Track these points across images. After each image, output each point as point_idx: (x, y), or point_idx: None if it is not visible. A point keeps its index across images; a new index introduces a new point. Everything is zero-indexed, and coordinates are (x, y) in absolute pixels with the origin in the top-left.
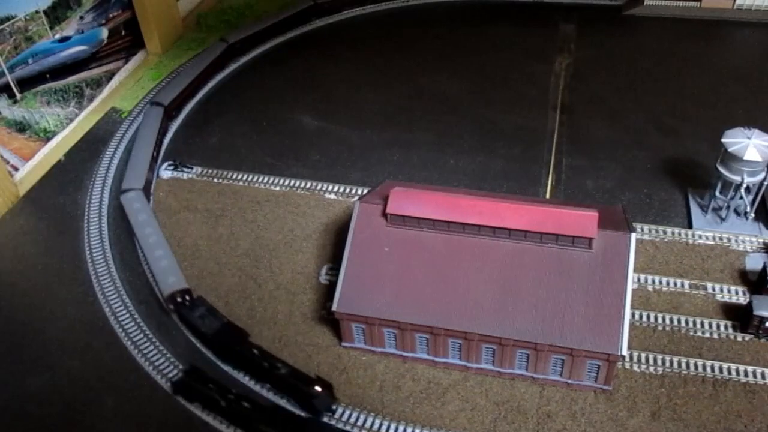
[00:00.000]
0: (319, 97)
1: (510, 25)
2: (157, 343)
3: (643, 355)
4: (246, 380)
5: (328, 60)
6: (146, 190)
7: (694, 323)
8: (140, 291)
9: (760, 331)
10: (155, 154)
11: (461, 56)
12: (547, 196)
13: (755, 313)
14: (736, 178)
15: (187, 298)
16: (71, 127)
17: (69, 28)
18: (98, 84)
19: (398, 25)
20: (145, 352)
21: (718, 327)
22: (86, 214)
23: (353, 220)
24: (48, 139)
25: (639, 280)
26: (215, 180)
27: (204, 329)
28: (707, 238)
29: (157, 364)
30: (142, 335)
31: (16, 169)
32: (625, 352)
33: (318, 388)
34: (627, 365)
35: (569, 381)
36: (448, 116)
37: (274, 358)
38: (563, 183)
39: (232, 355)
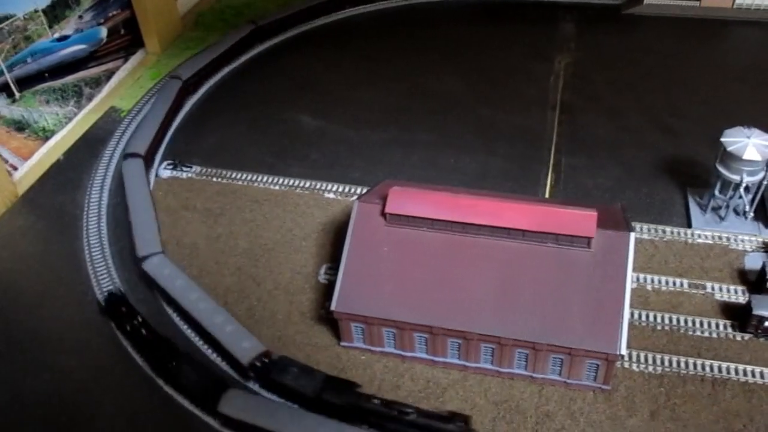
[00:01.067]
0: (318, 96)
1: (510, 24)
2: None
3: (642, 355)
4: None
5: (327, 59)
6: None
7: (693, 323)
8: (138, 290)
9: (759, 331)
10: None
11: (461, 55)
12: (547, 195)
13: (754, 312)
14: (736, 178)
15: (269, 360)
16: (70, 127)
17: (68, 27)
18: (97, 83)
19: (397, 24)
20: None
21: (717, 326)
22: (85, 213)
23: (352, 220)
24: (47, 139)
25: (638, 279)
26: (214, 179)
27: (305, 390)
28: (706, 237)
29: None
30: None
31: (15, 169)
32: (624, 351)
33: (458, 424)
34: (626, 365)
35: (568, 380)
36: (447, 115)
37: (400, 404)
38: (562, 182)
39: (349, 411)
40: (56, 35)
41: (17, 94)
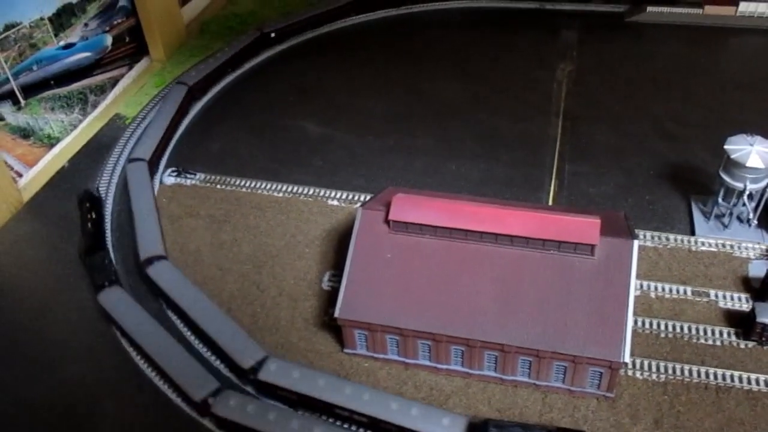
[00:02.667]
0: (322, 103)
1: (512, 32)
2: None
3: (645, 362)
4: None
5: (330, 66)
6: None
7: (697, 330)
8: (143, 296)
9: (763, 338)
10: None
11: (463, 62)
12: (550, 202)
13: (758, 320)
14: (739, 185)
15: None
16: (75, 134)
17: (73, 35)
18: (102, 90)
19: (401, 31)
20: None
21: (721, 334)
22: None
23: (356, 227)
24: (52, 146)
25: (641, 286)
26: (218, 186)
27: None
28: (710, 244)
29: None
30: None
31: (20, 176)
32: (627, 359)
33: None
34: (629, 372)
35: (572, 388)
36: (450, 122)
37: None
38: (566, 189)
39: None
40: (62, 43)
41: (23, 102)
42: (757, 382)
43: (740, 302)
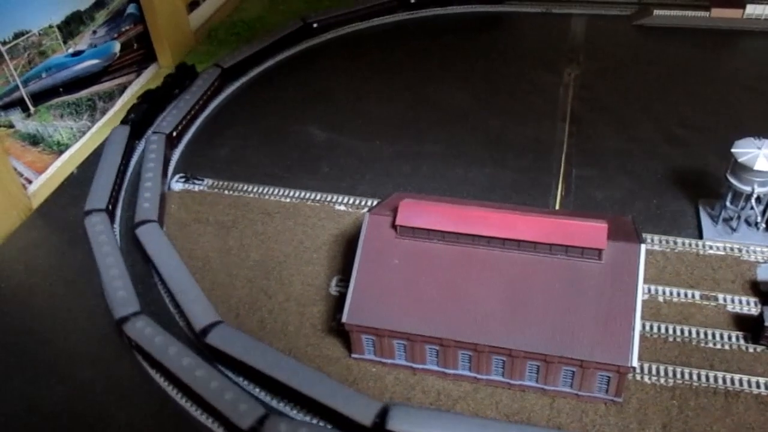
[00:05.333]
0: (329, 108)
1: (518, 35)
2: None
3: (653, 367)
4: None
5: (336, 71)
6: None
7: (705, 334)
8: (151, 303)
9: None
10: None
11: (469, 67)
12: (557, 206)
13: (767, 324)
14: (747, 189)
15: None
16: (84, 140)
17: (82, 43)
18: (110, 97)
19: (406, 36)
20: None
21: (730, 338)
22: None
23: (363, 232)
24: (61, 152)
25: (649, 291)
26: (226, 192)
27: None
28: (718, 248)
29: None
30: None
31: (30, 182)
32: (635, 363)
33: None
34: (638, 377)
35: (580, 393)
36: (457, 127)
37: None
38: (573, 194)
39: None
40: (70, 50)
41: (32, 109)
42: (766, 386)
43: (749, 306)
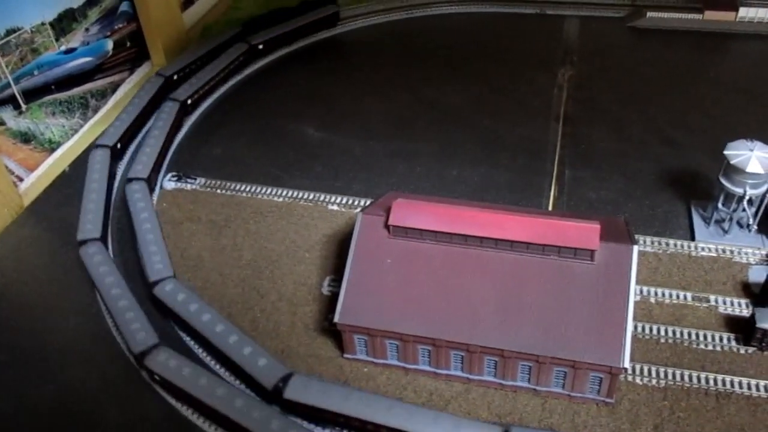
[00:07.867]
0: (323, 108)
1: (513, 36)
2: None
3: (645, 368)
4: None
5: (331, 71)
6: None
7: (697, 336)
8: (143, 301)
9: (763, 344)
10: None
11: (464, 67)
12: (550, 207)
13: (758, 325)
14: (739, 191)
15: None
16: (76, 138)
17: (74, 40)
18: (103, 95)
19: (401, 36)
20: None
21: (721, 339)
22: None
23: (356, 232)
24: (53, 150)
25: (641, 292)
26: (219, 191)
27: None
28: (710, 250)
29: None
30: None
31: (21, 180)
32: (627, 364)
33: None
34: (629, 378)
35: (571, 393)
36: (451, 127)
37: None
38: (566, 194)
39: None
40: (63, 48)
41: (24, 106)
42: (758, 387)
43: (740, 308)
